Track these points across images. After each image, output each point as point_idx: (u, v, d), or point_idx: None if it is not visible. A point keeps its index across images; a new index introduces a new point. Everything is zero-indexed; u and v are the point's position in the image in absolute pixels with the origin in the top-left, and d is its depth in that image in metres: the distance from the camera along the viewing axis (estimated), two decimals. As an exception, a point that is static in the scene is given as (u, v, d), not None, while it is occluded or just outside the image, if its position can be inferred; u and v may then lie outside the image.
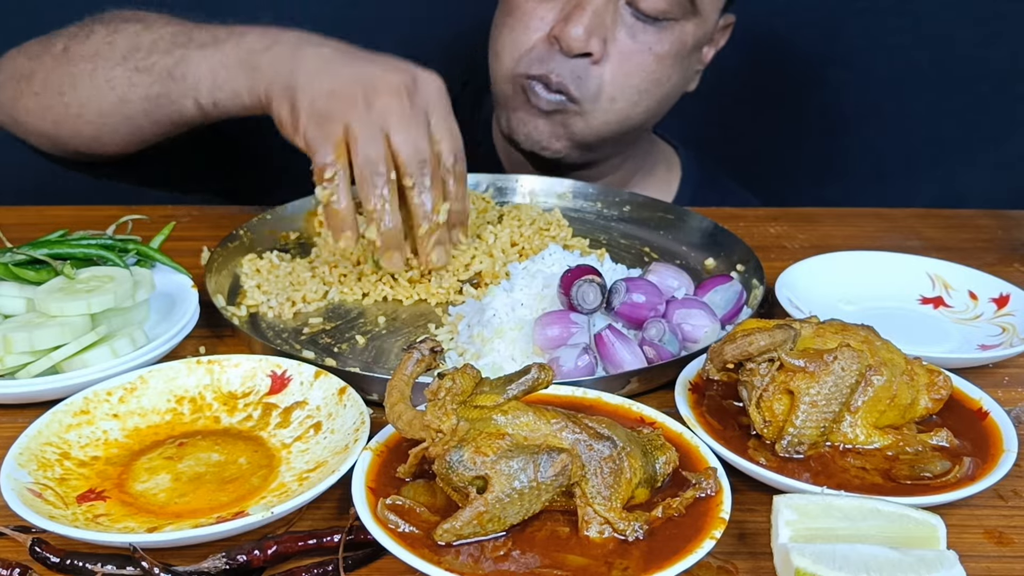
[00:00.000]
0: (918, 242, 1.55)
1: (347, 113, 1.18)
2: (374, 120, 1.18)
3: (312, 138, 1.20)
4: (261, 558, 0.82)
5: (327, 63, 1.24)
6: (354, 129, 1.18)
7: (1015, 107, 2.34)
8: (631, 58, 1.52)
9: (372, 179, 1.18)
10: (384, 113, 1.18)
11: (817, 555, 0.76)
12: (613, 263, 1.29)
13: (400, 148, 1.18)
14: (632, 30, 1.51)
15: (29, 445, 0.90)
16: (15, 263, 1.14)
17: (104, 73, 1.39)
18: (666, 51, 1.53)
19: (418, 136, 1.19)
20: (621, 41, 1.51)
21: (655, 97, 1.59)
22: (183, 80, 1.33)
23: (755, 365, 0.93)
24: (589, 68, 1.52)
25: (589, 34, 1.48)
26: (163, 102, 1.36)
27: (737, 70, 2.25)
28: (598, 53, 1.50)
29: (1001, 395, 1.09)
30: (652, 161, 1.82)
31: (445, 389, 0.81)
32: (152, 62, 1.35)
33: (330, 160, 1.18)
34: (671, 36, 1.53)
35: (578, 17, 1.47)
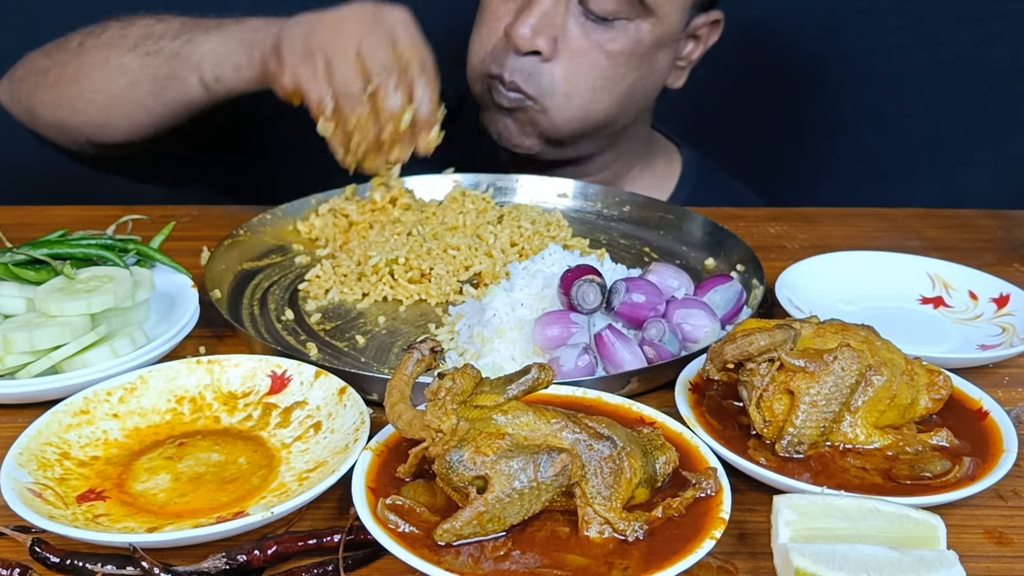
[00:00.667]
0: (918, 242, 1.55)
1: (323, 45, 1.32)
2: (345, 45, 1.31)
3: (299, 74, 1.32)
4: (261, 558, 0.82)
5: (305, 18, 1.37)
6: (329, 56, 1.31)
7: (1015, 107, 2.34)
8: (582, 56, 1.54)
9: (349, 98, 1.32)
10: (352, 36, 1.31)
11: (817, 555, 0.76)
12: (613, 263, 1.29)
13: (366, 58, 1.31)
14: (584, 29, 1.53)
15: (29, 445, 0.90)
16: (15, 263, 1.14)
17: (116, 60, 1.48)
18: (619, 49, 1.55)
19: (380, 47, 1.32)
20: (572, 39, 1.54)
21: (614, 93, 1.60)
22: (188, 59, 1.43)
23: (755, 365, 0.93)
24: (540, 66, 1.55)
25: (536, 33, 1.51)
26: (170, 83, 1.45)
27: (737, 70, 2.25)
28: (547, 51, 1.52)
29: (1001, 395, 1.09)
30: (650, 156, 1.83)
31: (445, 389, 0.81)
32: (161, 46, 1.46)
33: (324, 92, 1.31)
34: (624, 35, 1.54)
35: (525, 16, 1.50)
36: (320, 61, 1.31)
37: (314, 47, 1.32)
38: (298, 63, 1.32)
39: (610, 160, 1.75)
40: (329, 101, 1.31)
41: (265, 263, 1.39)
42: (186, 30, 1.46)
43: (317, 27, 1.33)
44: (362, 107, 1.32)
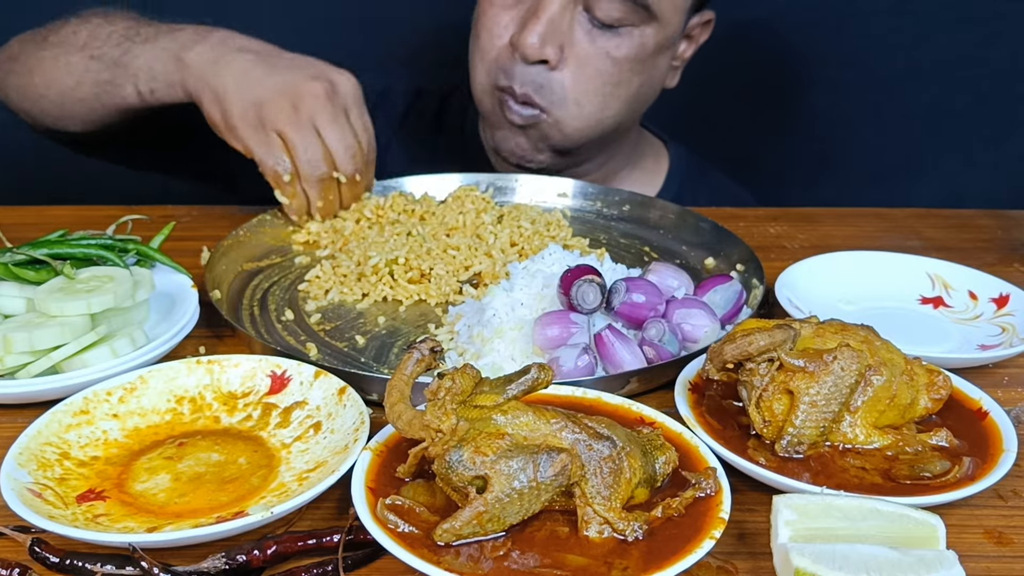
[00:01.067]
0: (918, 242, 1.56)
1: (279, 120, 1.35)
2: (304, 123, 1.35)
3: (255, 146, 1.36)
4: (261, 558, 0.82)
5: (249, 71, 1.39)
6: (290, 135, 1.35)
7: (1015, 107, 2.34)
8: (589, 62, 1.55)
9: (318, 180, 1.38)
10: (312, 116, 1.35)
11: (817, 555, 0.76)
12: (613, 263, 1.29)
13: (333, 146, 1.37)
14: (590, 36, 1.54)
15: (29, 445, 0.90)
16: (15, 263, 1.14)
17: (64, 59, 1.54)
18: (625, 55, 1.56)
19: (345, 133, 1.38)
20: (579, 47, 1.54)
21: (622, 99, 1.61)
22: (125, 68, 1.48)
23: (755, 365, 0.93)
24: (549, 75, 1.55)
25: (543, 41, 1.51)
26: (110, 88, 1.50)
27: (737, 70, 2.26)
28: (554, 60, 1.52)
29: (1001, 395, 1.09)
30: (639, 154, 1.84)
31: (445, 389, 0.81)
32: (104, 52, 1.51)
33: (283, 166, 1.37)
34: (630, 41, 1.55)
35: (533, 25, 1.50)
36: (275, 136, 1.35)
37: (267, 120, 1.35)
38: (250, 134, 1.36)
39: (603, 160, 1.76)
40: (286, 176, 1.37)
41: (265, 263, 1.39)
42: (128, 37, 1.50)
43: (270, 98, 1.35)
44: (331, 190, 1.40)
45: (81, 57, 1.52)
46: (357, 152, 1.39)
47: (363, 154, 1.41)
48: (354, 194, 1.44)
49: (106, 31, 1.52)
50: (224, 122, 1.37)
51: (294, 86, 1.36)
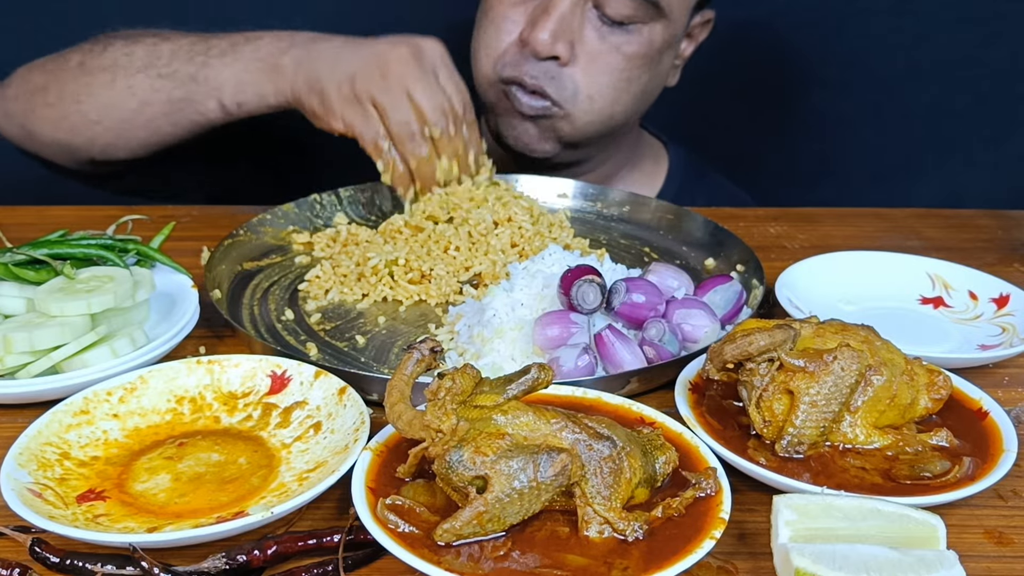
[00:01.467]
0: (918, 242, 1.55)
1: (370, 88, 1.35)
2: (394, 87, 1.35)
3: (351, 119, 1.37)
4: (261, 558, 0.82)
5: (340, 53, 1.39)
6: (381, 100, 1.35)
7: (1015, 107, 2.34)
8: (600, 58, 1.55)
9: (409, 136, 1.37)
10: (400, 79, 1.35)
11: (817, 555, 0.76)
12: (613, 263, 1.29)
13: (422, 103, 1.36)
14: (600, 32, 1.54)
15: (29, 445, 0.90)
16: (15, 263, 1.14)
17: (124, 81, 1.49)
18: (634, 51, 1.56)
19: (434, 91, 1.37)
20: (589, 43, 1.54)
21: (632, 95, 1.61)
22: (205, 83, 1.45)
23: (755, 365, 0.93)
24: (560, 70, 1.55)
25: (555, 38, 1.51)
26: (185, 105, 1.47)
27: (738, 70, 2.25)
28: (565, 56, 1.52)
29: (1001, 395, 1.09)
30: (638, 155, 1.84)
31: (445, 389, 0.81)
32: (174, 69, 1.47)
33: (380, 133, 1.37)
34: (639, 38, 1.55)
35: (544, 22, 1.50)
36: (370, 106, 1.36)
37: (360, 91, 1.35)
38: (347, 108, 1.36)
39: (603, 159, 1.76)
40: (384, 142, 1.37)
41: (265, 263, 1.39)
42: (198, 51, 1.47)
43: (358, 68, 1.36)
44: (423, 148, 1.38)
45: (145, 77, 1.48)
46: (448, 109, 1.38)
47: (455, 112, 1.40)
48: (452, 150, 1.41)
49: (167, 48, 1.49)
50: (323, 106, 1.38)
51: (381, 55, 1.37)
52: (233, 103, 1.45)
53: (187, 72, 1.46)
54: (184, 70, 1.47)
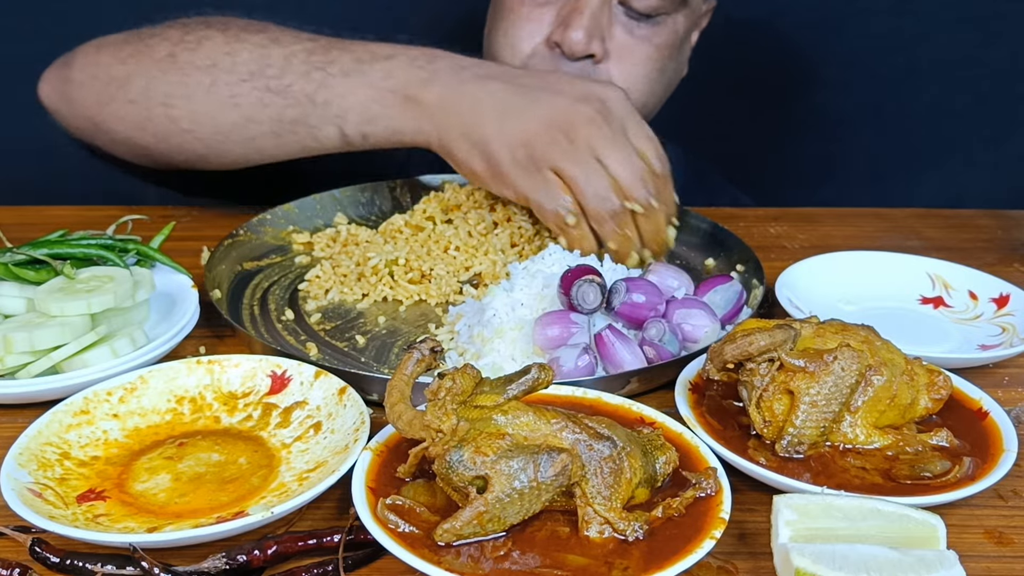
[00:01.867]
0: (918, 242, 1.56)
1: (553, 156, 1.19)
2: (583, 154, 1.19)
3: (527, 190, 1.21)
4: (261, 558, 0.82)
5: (507, 105, 1.22)
6: (569, 170, 1.19)
7: (1015, 107, 2.34)
8: (633, 52, 1.52)
9: (610, 215, 1.21)
10: (589, 143, 1.19)
11: (817, 555, 0.76)
12: (613, 263, 1.29)
13: (618, 172, 1.19)
14: (628, 27, 1.52)
15: (29, 445, 0.90)
16: (15, 263, 1.14)
17: (227, 89, 1.30)
18: (663, 42, 1.54)
19: (629, 155, 1.20)
20: (619, 38, 1.51)
21: (663, 85, 1.59)
22: (326, 107, 1.27)
23: (755, 365, 0.93)
24: (595, 68, 1.52)
25: (590, 36, 1.47)
26: (298, 128, 1.30)
27: (737, 69, 2.25)
28: (600, 53, 1.50)
29: (1001, 395, 1.09)
30: None
31: (445, 389, 0.81)
32: (287, 83, 1.28)
33: (566, 206, 1.20)
34: (666, 28, 1.54)
35: (577, 21, 1.45)
36: (551, 174, 1.19)
37: (540, 159, 1.19)
38: (523, 177, 1.20)
39: None
40: (571, 217, 1.21)
41: (265, 263, 1.39)
42: (316, 64, 1.28)
43: (536, 131, 1.19)
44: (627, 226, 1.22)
45: (253, 88, 1.28)
46: (646, 174, 1.21)
47: (655, 175, 1.23)
48: (654, 225, 1.24)
49: (278, 55, 1.29)
50: (490, 171, 1.22)
51: (563, 113, 1.20)
52: (357, 134, 1.28)
53: (304, 90, 1.27)
54: (300, 87, 1.27)
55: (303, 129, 1.29)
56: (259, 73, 1.29)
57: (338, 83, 1.26)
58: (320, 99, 1.27)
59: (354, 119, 1.27)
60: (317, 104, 1.27)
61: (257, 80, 1.29)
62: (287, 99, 1.28)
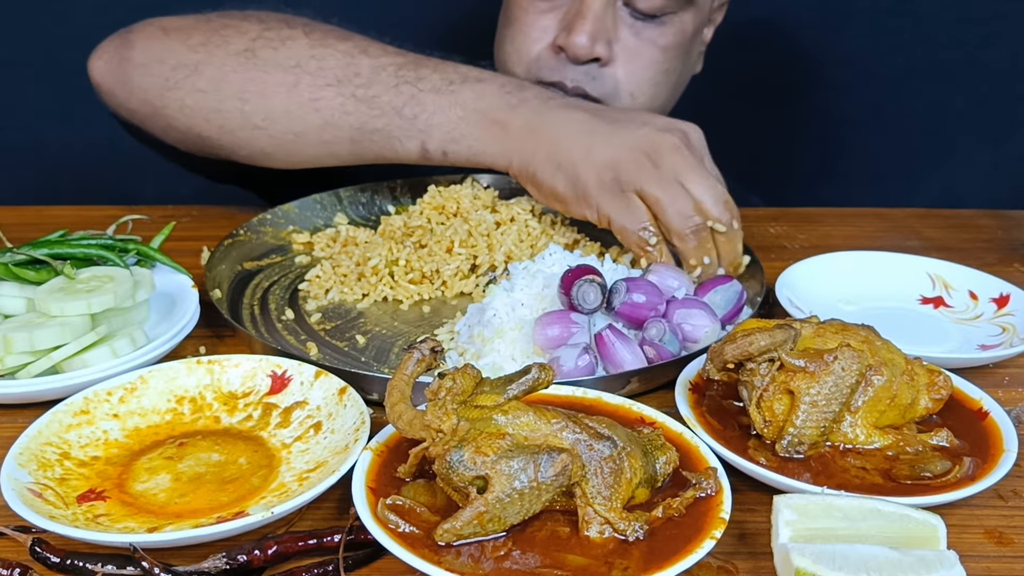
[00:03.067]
0: (918, 242, 1.56)
1: (639, 179, 1.22)
2: (668, 178, 1.22)
3: (613, 210, 1.23)
4: (261, 558, 0.82)
5: (593, 131, 1.25)
6: (653, 192, 1.22)
7: (1015, 107, 2.34)
8: (639, 54, 1.52)
9: (693, 232, 1.23)
10: (674, 169, 1.22)
11: (817, 555, 0.76)
12: (613, 263, 1.29)
13: (700, 195, 1.22)
14: (634, 28, 1.51)
15: (29, 445, 0.90)
16: (15, 263, 1.14)
17: (309, 92, 1.31)
18: (670, 43, 1.54)
19: (711, 181, 1.24)
20: (625, 40, 1.51)
21: (668, 87, 1.59)
22: (412, 121, 1.29)
23: (755, 365, 0.93)
24: (601, 70, 1.52)
25: (594, 40, 1.47)
26: (380, 138, 1.31)
27: (737, 69, 2.25)
28: (605, 57, 1.49)
29: (1001, 395, 1.09)
30: None
31: (445, 389, 0.81)
32: (374, 94, 1.30)
33: (648, 228, 1.23)
34: (672, 29, 1.53)
35: (580, 26, 1.44)
36: (635, 197, 1.23)
37: (626, 182, 1.22)
38: (607, 199, 1.23)
39: None
40: (653, 237, 1.24)
41: (265, 263, 1.39)
42: (406, 80, 1.30)
43: (623, 156, 1.23)
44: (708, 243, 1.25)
45: (337, 94, 1.30)
46: (728, 200, 1.25)
47: (732, 203, 1.26)
48: (733, 247, 1.26)
49: (367, 65, 1.30)
50: (575, 193, 1.24)
51: (650, 141, 1.23)
52: (439, 150, 1.30)
53: (392, 103, 1.29)
54: (387, 99, 1.29)
55: (383, 139, 1.31)
56: (346, 80, 1.30)
57: (428, 99, 1.29)
58: (408, 113, 1.29)
59: (439, 136, 1.29)
60: (404, 117, 1.29)
61: (344, 87, 1.30)
62: (373, 109, 1.30)
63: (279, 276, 1.36)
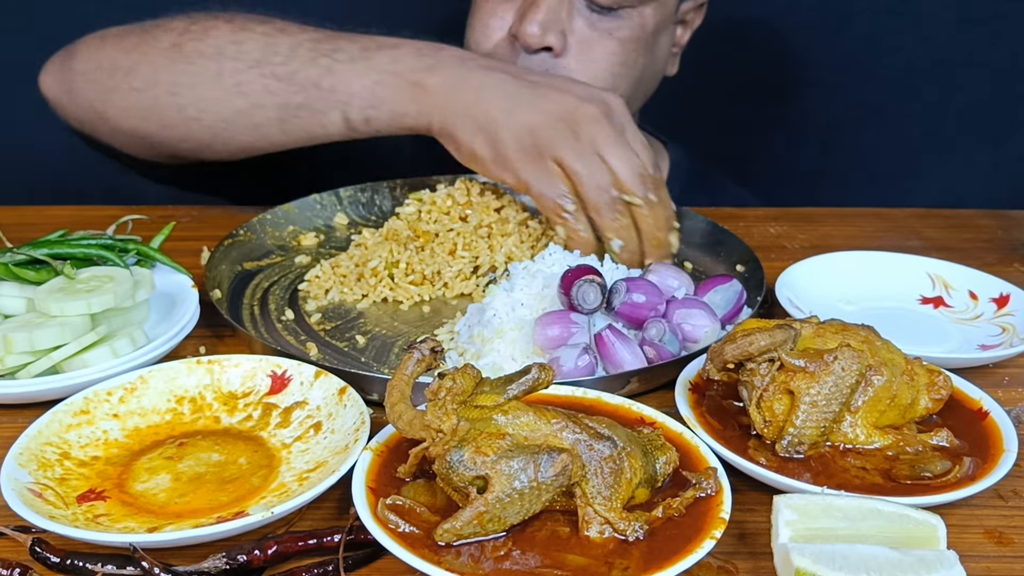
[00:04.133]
0: (918, 242, 1.56)
1: (558, 147, 1.22)
2: (586, 149, 1.22)
3: (529, 177, 1.24)
4: (261, 558, 0.82)
5: (511, 94, 1.26)
6: (571, 163, 1.22)
7: (1015, 107, 2.34)
8: (593, 46, 1.51)
9: (608, 205, 1.23)
10: (592, 140, 1.23)
11: (817, 555, 0.76)
12: (613, 263, 1.29)
13: (618, 168, 1.23)
14: (590, 20, 1.50)
15: (29, 445, 0.90)
16: (15, 263, 1.14)
17: (233, 77, 1.32)
18: (627, 36, 1.52)
19: (629, 154, 1.24)
20: (580, 32, 1.50)
21: (629, 80, 1.57)
22: (331, 92, 1.29)
23: (755, 365, 0.93)
24: (554, 61, 1.51)
25: (545, 29, 1.46)
26: (303, 113, 1.32)
27: (737, 69, 2.26)
28: (557, 47, 1.49)
29: (1001, 395, 1.09)
30: None
31: (445, 389, 0.81)
32: (292, 70, 1.31)
33: (566, 196, 1.23)
34: (630, 23, 1.52)
35: (533, 14, 1.44)
36: (553, 164, 1.23)
37: (545, 148, 1.22)
38: (526, 164, 1.23)
39: None
40: (570, 206, 1.24)
41: (265, 263, 1.39)
42: (322, 52, 1.30)
43: (542, 121, 1.23)
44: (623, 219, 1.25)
45: (259, 75, 1.31)
46: (644, 173, 1.25)
47: (652, 176, 1.26)
48: (654, 222, 1.26)
49: (286, 43, 1.32)
50: (494, 153, 1.24)
51: (571, 109, 1.24)
52: (361, 118, 1.30)
53: (309, 76, 1.29)
54: (305, 73, 1.30)
55: (307, 115, 1.31)
56: (265, 61, 1.31)
57: (344, 69, 1.29)
58: (326, 85, 1.29)
59: (358, 103, 1.29)
60: (323, 89, 1.29)
61: (263, 67, 1.31)
62: (292, 85, 1.30)
63: (279, 276, 1.36)
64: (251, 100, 1.32)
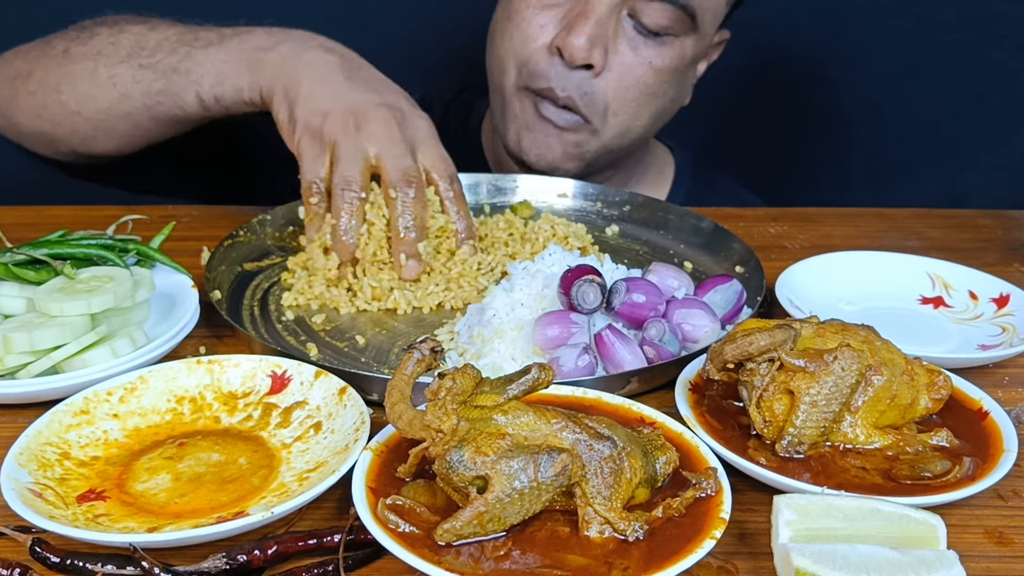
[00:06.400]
0: (918, 242, 1.56)
1: (336, 133, 1.26)
2: (359, 143, 1.26)
3: (303, 151, 1.28)
4: (261, 558, 0.82)
5: (328, 76, 1.30)
6: (339, 149, 1.26)
7: (1015, 107, 2.34)
8: (631, 71, 1.51)
9: (344, 195, 1.25)
10: (370, 138, 1.26)
11: (817, 555, 0.76)
12: (613, 263, 1.29)
13: (384, 165, 1.26)
14: (633, 43, 1.50)
15: (29, 445, 0.90)
16: (15, 263, 1.14)
17: (106, 71, 1.42)
18: (665, 66, 1.53)
19: (402, 157, 1.26)
20: (622, 53, 1.50)
21: (652, 110, 1.58)
22: (186, 75, 1.37)
23: (755, 365, 0.93)
24: (592, 81, 1.50)
25: (592, 44, 1.46)
26: (164, 98, 1.40)
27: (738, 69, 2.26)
28: (599, 65, 1.48)
29: (1001, 395, 1.09)
30: (644, 166, 1.81)
31: (445, 389, 0.81)
32: (157, 59, 1.40)
33: (317, 178, 1.27)
34: (671, 52, 1.52)
35: (581, 27, 1.45)
36: (328, 148, 1.27)
37: (327, 132, 1.26)
38: (305, 138, 1.28)
39: (609, 175, 1.74)
40: (316, 187, 1.27)
41: (265, 263, 1.39)
42: (184, 42, 1.39)
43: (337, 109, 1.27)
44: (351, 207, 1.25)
45: (128, 67, 1.40)
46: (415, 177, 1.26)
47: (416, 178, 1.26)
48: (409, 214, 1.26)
49: (154, 39, 1.41)
50: (288, 123, 1.30)
51: (364, 105, 1.27)
52: (211, 96, 1.36)
53: (169, 63, 1.38)
54: (166, 61, 1.38)
55: (168, 99, 1.40)
56: (134, 55, 1.41)
57: (199, 54, 1.37)
58: (183, 68, 1.38)
59: (208, 83, 1.36)
60: (180, 73, 1.38)
61: (132, 60, 1.41)
62: (155, 72, 1.40)
63: (279, 277, 1.36)
64: (121, 91, 1.42)
